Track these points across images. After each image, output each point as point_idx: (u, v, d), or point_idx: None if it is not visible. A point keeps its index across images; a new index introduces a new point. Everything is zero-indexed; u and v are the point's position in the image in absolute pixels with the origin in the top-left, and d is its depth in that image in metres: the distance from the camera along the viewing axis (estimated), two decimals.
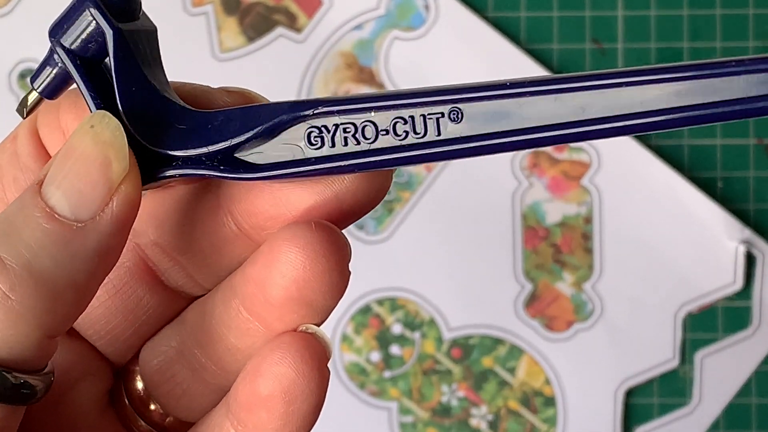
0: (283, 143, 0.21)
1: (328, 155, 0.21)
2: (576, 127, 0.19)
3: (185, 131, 0.21)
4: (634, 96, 0.19)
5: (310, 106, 0.21)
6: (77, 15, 0.22)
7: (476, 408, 0.54)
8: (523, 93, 0.20)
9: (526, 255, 0.54)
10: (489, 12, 0.55)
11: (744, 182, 0.54)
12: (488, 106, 0.20)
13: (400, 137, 0.21)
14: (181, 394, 0.24)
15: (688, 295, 0.54)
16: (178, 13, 0.55)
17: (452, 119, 0.20)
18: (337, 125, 0.21)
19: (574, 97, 0.19)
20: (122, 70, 0.22)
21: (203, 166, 0.21)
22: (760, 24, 0.54)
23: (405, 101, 0.20)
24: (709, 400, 0.54)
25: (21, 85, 0.55)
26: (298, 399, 0.22)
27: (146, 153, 0.21)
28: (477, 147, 0.20)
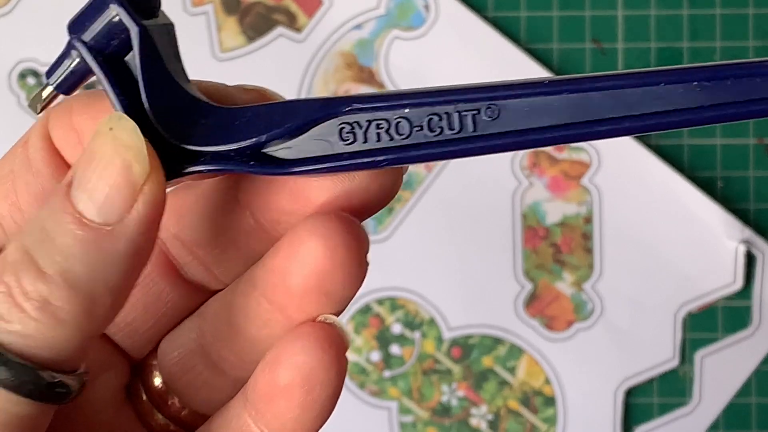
0: (313, 139, 0.21)
1: (361, 150, 0.21)
2: (613, 123, 0.20)
3: (212, 127, 0.22)
4: (669, 93, 0.20)
5: (343, 103, 0.21)
6: (99, 11, 0.22)
7: (476, 408, 0.54)
8: (560, 90, 0.20)
9: (526, 255, 0.54)
10: (489, 12, 0.55)
11: (744, 182, 0.54)
12: (525, 103, 0.21)
13: (434, 133, 0.21)
14: (199, 386, 0.25)
15: (688, 295, 0.54)
16: (178, 12, 0.55)
17: (488, 116, 0.21)
18: (370, 121, 0.21)
19: (608, 94, 0.20)
20: (147, 67, 0.22)
21: (232, 162, 0.21)
22: (760, 24, 0.54)
23: (440, 98, 0.21)
24: (709, 400, 0.54)
25: (21, 84, 0.55)
26: (317, 388, 0.22)
27: (173, 149, 0.21)
28: (512, 142, 0.21)
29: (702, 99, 0.20)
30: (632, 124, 0.20)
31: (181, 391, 0.25)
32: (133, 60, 0.21)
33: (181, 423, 0.25)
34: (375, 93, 0.22)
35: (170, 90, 0.22)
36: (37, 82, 0.55)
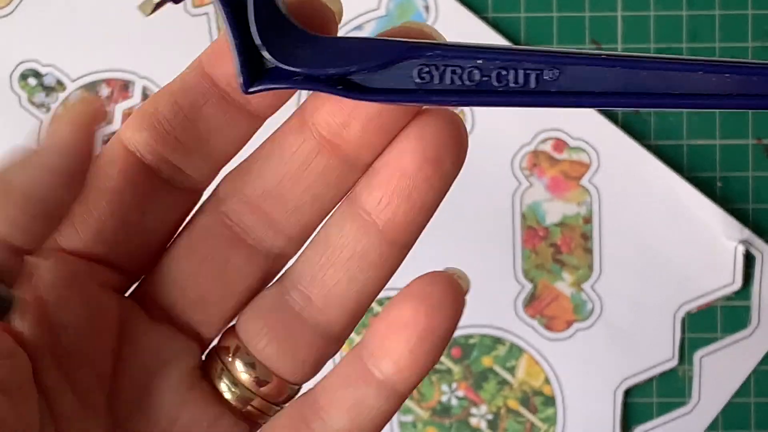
0: (395, 73, 0.24)
1: (435, 89, 0.24)
2: (656, 98, 0.24)
3: (308, 52, 0.25)
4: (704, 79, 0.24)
5: (427, 48, 0.24)
6: None
7: (476, 407, 0.54)
8: (614, 64, 0.24)
9: (525, 255, 0.54)
10: (488, 13, 0.55)
11: (743, 182, 0.54)
12: (583, 70, 0.24)
13: (501, 84, 0.24)
14: (284, 351, 0.26)
15: (687, 295, 0.54)
16: (179, 13, 0.55)
17: (550, 77, 0.24)
18: (447, 66, 0.24)
19: (653, 73, 0.24)
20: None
21: (323, 84, 0.25)
22: (759, 24, 0.54)
23: (510, 55, 0.24)
24: (708, 400, 0.54)
25: (22, 85, 0.55)
26: (436, 322, 0.25)
27: (271, 65, 0.24)
28: (567, 101, 0.24)
29: (731, 88, 0.24)
30: (671, 100, 0.24)
31: (266, 362, 0.26)
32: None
33: (264, 396, 0.27)
34: (455, 43, 0.25)
35: (273, 15, 0.24)
36: (38, 82, 0.55)
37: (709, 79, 0.24)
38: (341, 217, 0.26)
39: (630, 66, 0.24)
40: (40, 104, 0.55)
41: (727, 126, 0.54)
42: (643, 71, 0.24)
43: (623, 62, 0.24)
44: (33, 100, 0.55)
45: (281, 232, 0.26)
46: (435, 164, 0.25)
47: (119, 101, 0.55)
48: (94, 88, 0.55)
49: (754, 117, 0.54)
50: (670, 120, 0.54)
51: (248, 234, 0.26)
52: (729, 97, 0.24)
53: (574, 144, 0.54)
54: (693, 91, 0.24)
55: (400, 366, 0.25)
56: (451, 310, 0.25)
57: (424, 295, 0.25)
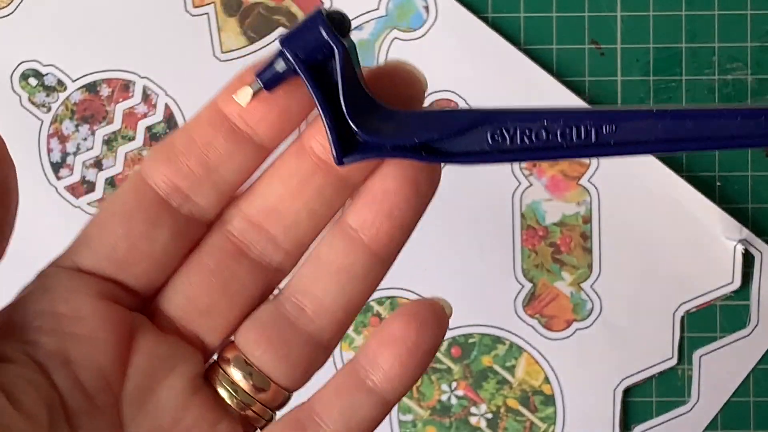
0: (470, 138, 0.28)
1: (506, 149, 0.28)
2: (701, 142, 0.28)
3: (393, 125, 0.28)
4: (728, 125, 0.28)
5: (497, 114, 0.28)
6: (311, 32, 0.27)
7: (476, 407, 0.54)
8: (663, 116, 0.27)
9: (525, 254, 0.54)
10: (488, 13, 0.55)
11: (742, 182, 0.54)
12: (636, 124, 0.28)
13: (565, 140, 0.28)
14: (281, 359, 0.29)
15: (686, 295, 0.54)
16: (179, 13, 0.55)
17: (608, 131, 0.28)
18: (517, 128, 0.28)
19: (700, 123, 0.28)
20: (345, 76, 0.27)
21: (408, 152, 0.28)
22: (758, 24, 0.55)
23: (572, 115, 0.28)
24: (708, 399, 0.54)
25: (23, 85, 0.55)
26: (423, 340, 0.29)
27: (361, 139, 0.28)
28: (623, 150, 0.28)
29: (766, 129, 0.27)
30: (715, 143, 0.27)
31: (263, 369, 0.29)
32: (331, 69, 0.27)
33: (262, 401, 0.29)
34: (522, 108, 0.28)
35: (359, 93, 0.28)
36: (39, 82, 0.55)
37: (747, 123, 0.27)
38: (331, 234, 0.29)
39: (676, 117, 0.27)
40: (41, 104, 0.55)
41: None
42: (688, 121, 0.27)
43: (671, 115, 0.27)
44: (34, 100, 0.55)
45: (280, 247, 0.29)
46: (413, 186, 0.29)
47: (119, 101, 0.55)
48: (94, 88, 0.55)
49: None
50: None
51: (251, 249, 0.29)
52: (765, 136, 0.27)
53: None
54: (734, 135, 0.27)
55: (390, 376, 0.28)
56: (436, 329, 0.29)
57: (413, 315, 0.29)
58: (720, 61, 0.55)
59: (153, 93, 0.55)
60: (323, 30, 0.27)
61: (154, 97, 0.55)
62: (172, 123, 0.55)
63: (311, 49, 0.27)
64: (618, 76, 0.55)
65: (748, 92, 0.54)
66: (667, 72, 0.55)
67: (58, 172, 0.55)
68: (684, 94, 0.55)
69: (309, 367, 0.30)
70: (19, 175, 0.58)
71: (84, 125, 0.55)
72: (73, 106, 0.55)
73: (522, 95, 0.54)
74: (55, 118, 0.55)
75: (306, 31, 0.27)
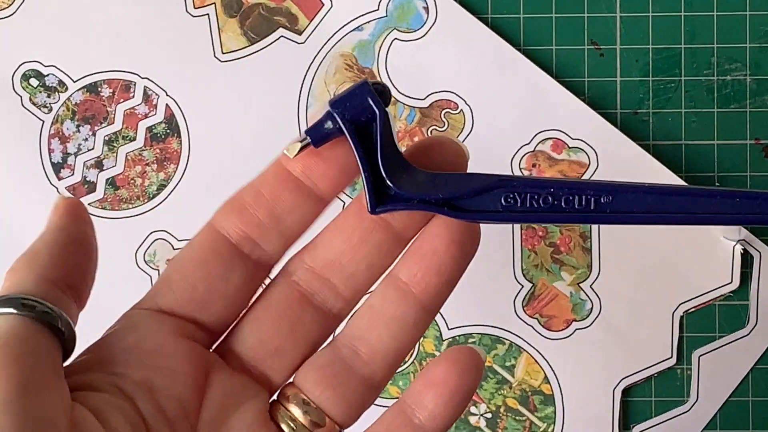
0: (486, 199, 0.32)
1: (516, 210, 0.32)
2: (684, 216, 0.32)
3: (420, 182, 0.32)
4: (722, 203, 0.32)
5: (511, 180, 0.32)
6: (358, 98, 0.31)
7: (475, 406, 0.54)
8: (653, 192, 0.32)
9: (525, 254, 0.54)
10: (488, 14, 0.55)
11: (741, 182, 0.54)
12: (630, 197, 0.32)
13: (568, 206, 0.32)
14: (337, 398, 0.33)
15: (685, 295, 0.54)
16: (180, 13, 0.55)
17: (605, 200, 0.32)
18: (527, 193, 0.32)
19: (685, 199, 0.32)
20: (383, 137, 0.31)
21: (432, 206, 0.32)
22: (757, 25, 0.55)
23: (575, 185, 0.32)
24: (707, 399, 0.54)
25: (24, 86, 0.55)
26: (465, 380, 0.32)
27: (393, 192, 0.32)
28: (616, 219, 0.32)
29: (741, 209, 0.32)
30: (696, 217, 0.32)
31: (321, 406, 0.33)
32: (373, 131, 0.32)
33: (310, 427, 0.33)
34: (533, 177, 0.34)
35: (394, 153, 0.32)
36: (40, 83, 0.55)
37: (725, 202, 0.31)
38: (385, 286, 0.33)
39: (665, 194, 0.32)
40: (42, 105, 0.55)
41: (725, 126, 0.55)
42: (675, 197, 0.32)
43: (660, 190, 0.32)
44: (35, 101, 0.55)
45: (340, 295, 0.33)
46: (459, 246, 0.33)
47: (120, 102, 0.55)
48: (95, 89, 0.55)
49: (751, 117, 0.55)
50: (669, 120, 0.55)
51: (315, 297, 0.33)
52: (739, 215, 0.31)
53: (573, 144, 0.54)
54: (712, 212, 0.32)
55: (435, 415, 0.32)
56: (474, 373, 0.32)
57: (455, 360, 0.32)
58: (719, 61, 0.55)
59: (154, 93, 0.55)
60: (369, 97, 0.31)
61: (155, 98, 0.55)
62: (173, 123, 0.55)
63: (357, 113, 0.31)
64: (617, 77, 0.55)
65: (747, 93, 0.55)
66: (667, 73, 0.55)
67: (59, 172, 0.55)
68: (683, 95, 0.55)
69: (362, 405, 0.33)
70: (20, 176, 0.58)
71: (85, 126, 0.55)
72: (74, 106, 0.55)
73: (522, 96, 0.54)
74: (56, 119, 0.55)
75: (353, 97, 0.31)
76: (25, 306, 0.28)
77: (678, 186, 0.33)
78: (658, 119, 0.55)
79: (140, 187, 0.55)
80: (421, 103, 0.55)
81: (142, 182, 0.55)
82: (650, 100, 0.55)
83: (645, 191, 0.32)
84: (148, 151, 0.55)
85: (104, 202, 0.55)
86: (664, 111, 0.55)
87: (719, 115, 0.55)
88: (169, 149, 0.55)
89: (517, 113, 0.54)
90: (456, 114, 0.55)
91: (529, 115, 0.54)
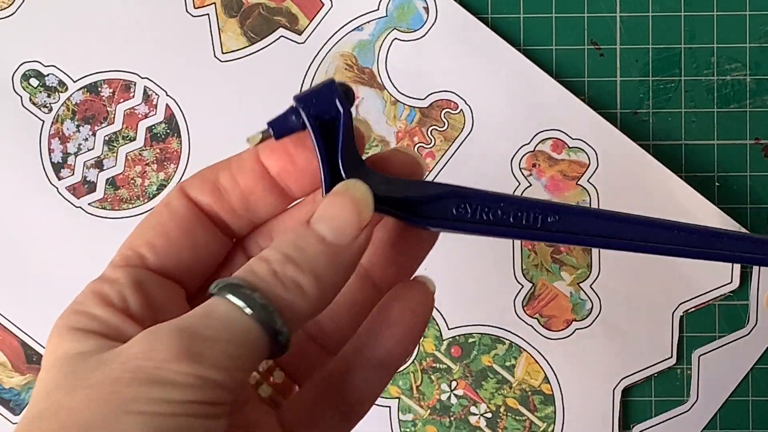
0: (440, 205, 0.33)
1: (466, 220, 0.33)
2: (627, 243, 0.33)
3: (377, 185, 0.32)
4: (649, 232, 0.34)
5: (468, 192, 0.33)
6: (324, 95, 0.32)
7: (475, 406, 0.54)
8: (599, 216, 0.34)
9: (525, 254, 0.54)
10: (488, 14, 0.55)
11: (740, 182, 0.54)
12: (576, 219, 0.33)
13: (516, 222, 0.33)
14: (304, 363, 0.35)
15: (685, 294, 0.54)
16: (180, 13, 0.55)
17: (552, 219, 0.33)
18: (478, 205, 0.33)
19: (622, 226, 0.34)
20: (345, 136, 0.32)
21: (388, 208, 0.33)
22: (757, 25, 0.55)
23: (524, 203, 0.33)
24: (707, 399, 0.54)
25: (24, 86, 0.55)
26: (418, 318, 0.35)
27: None
28: (562, 238, 0.33)
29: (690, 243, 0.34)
30: (634, 246, 0.33)
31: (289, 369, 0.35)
32: (335, 129, 0.32)
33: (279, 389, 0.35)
34: (486, 191, 0.33)
35: (353, 152, 0.33)
36: (40, 83, 0.55)
37: (661, 233, 0.33)
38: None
39: (611, 219, 0.33)
40: (42, 105, 0.55)
41: (725, 126, 0.55)
42: (620, 223, 0.33)
43: (606, 216, 0.34)
44: (35, 101, 0.55)
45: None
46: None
47: (120, 102, 0.55)
48: (95, 89, 0.55)
49: (751, 117, 0.55)
50: (669, 120, 0.55)
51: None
52: (677, 247, 0.33)
53: (573, 144, 0.54)
54: (651, 241, 0.33)
55: (395, 351, 0.34)
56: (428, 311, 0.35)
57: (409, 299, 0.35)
58: (719, 61, 0.55)
59: (154, 93, 0.55)
60: (335, 96, 0.32)
61: (155, 98, 0.55)
62: (173, 123, 0.55)
63: (321, 110, 0.32)
64: (617, 77, 0.55)
65: (747, 93, 0.55)
66: (666, 72, 0.55)
67: (59, 172, 0.55)
68: (683, 95, 0.55)
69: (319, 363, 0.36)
70: (20, 176, 0.58)
71: (85, 126, 0.55)
72: (74, 106, 0.55)
73: (522, 96, 0.54)
74: (56, 119, 0.55)
75: (319, 94, 0.32)
76: (271, 322, 0.30)
77: (622, 214, 0.34)
78: (658, 119, 0.55)
79: (140, 187, 0.55)
80: (421, 103, 0.55)
81: (142, 182, 0.55)
82: (650, 100, 0.55)
83: (590, 214, 0.34)
84: (148, 151, 0.55)
85: (104, 202, 0.55)
86: (664, 111, 0.55)
87: (719, 115, 0.55)
88: (169, 149, 0.55)
89: (517, 113, 0.54)
90: (456, 114, 0.55)
91: (529, 115, 0.54)
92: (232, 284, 0.30)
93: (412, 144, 0.55)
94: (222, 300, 0.29)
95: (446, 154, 0.54)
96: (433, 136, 0.55)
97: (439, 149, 0.54)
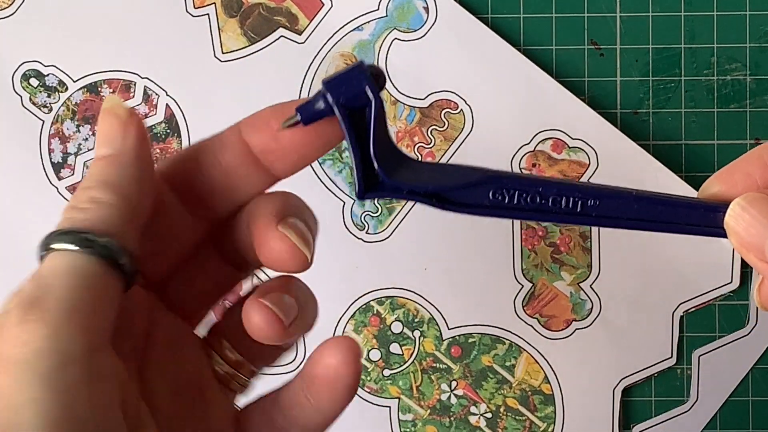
0: (474, 192, 0.32)
1: (503, 206, 0.32)
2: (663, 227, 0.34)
3: (411, 173, 0.32)
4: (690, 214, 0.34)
5: (504, 177, 0.32)
6: (354, 81, 0.31)
7: (475, 406, 0.54)
8: (640, 200, 0.33)
9: (525, 254, 0.54)
10: (488, 14, 0.55)
11: None
12: (616, 202, 0.32)
13: (555, 207, 0.32)
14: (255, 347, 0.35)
15: (685, 294, 0.54)
16: (180, 13, 0.55)
17: (591, 203, 0.32)
18: (516, 190, 0.32)
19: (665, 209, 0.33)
20: (376, 123, 0.31)
21: (420, 197, 0.32)
22: (757, 25, 0.55)
23: (564, 186, 0.32)
24: (707, 398, 0.54)
25: (24, 86, 0.55)
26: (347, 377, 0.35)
27: (383, 180, 0.31)
28: (603, 222, 0.33)
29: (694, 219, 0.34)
30: (677, 228, 0.34)
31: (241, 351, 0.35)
32: (366, 116, 0.31)
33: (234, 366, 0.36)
34: (523, 174, 0.33)
35: (386, 141, 0.32)
36: (40, 83, 0.55)
37: (708, 215, 0.33)
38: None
39: (651, 203, 0.33)
40: (42, 105, 0.55)
41: (725, 126, 0.55)
42: (659, 206, 0.33)
43: (646, 199, 0.33)
44: (35, 101, 0.55)
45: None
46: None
47: None
48: (95, 89, 0.55)
49: (751, 117, 0.55)
50: (669, 120, 0.55)
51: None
52: (720, 228, 0.33)
53: (573, 144, 0.54)
54: (693, 223, 0.34)
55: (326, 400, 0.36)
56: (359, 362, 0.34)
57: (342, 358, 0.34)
58: (719, 61, 0.55)
59: (154, 93, 0.55)
60: (365, 82, 0.31)
61: (155, 98, 0.55)
62: (173, 123, 0.55)
63: (351, 98, 0.31)
64: (617, 77, 0.55)
65: (747, 92, 0.55)
66: (666, 72, 0.55)
67: (60, 172, 0.55)
68: (683, 95, 0.55)
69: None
70: (21, 176, 0.58)
71: (85, 125, 0.55)
72: (74, 106, 0.55)
73: (522, 96, 0.54)
74: (57, 119, 0.55)
75: (349, 80, 0.31)
76: (96, 245, 0.30)
77: (664, 195, 0.33)
78: (658, 119, 0.55)
79: None
80: (421, 103, 0.55)
81: None
82: (650, 100, 0.55)
83: (631, 198, 0.33)
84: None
85: None
86: (664, 111, 0.55)
87: (719, 114, 0.55)
88: (169, 149, 0.55)
89: (517, 113, 0.54)
90: (456, 114, 0.55)
91: (529, 115, 0.54)
92: (43, 240, 0.30)
93: (412, 144, 0.55)
94: (44, 256, 0.30)
95: (446, 154, 0.54)
96: (433, 136, 0.55)
97: (439, 149, 0.55)
